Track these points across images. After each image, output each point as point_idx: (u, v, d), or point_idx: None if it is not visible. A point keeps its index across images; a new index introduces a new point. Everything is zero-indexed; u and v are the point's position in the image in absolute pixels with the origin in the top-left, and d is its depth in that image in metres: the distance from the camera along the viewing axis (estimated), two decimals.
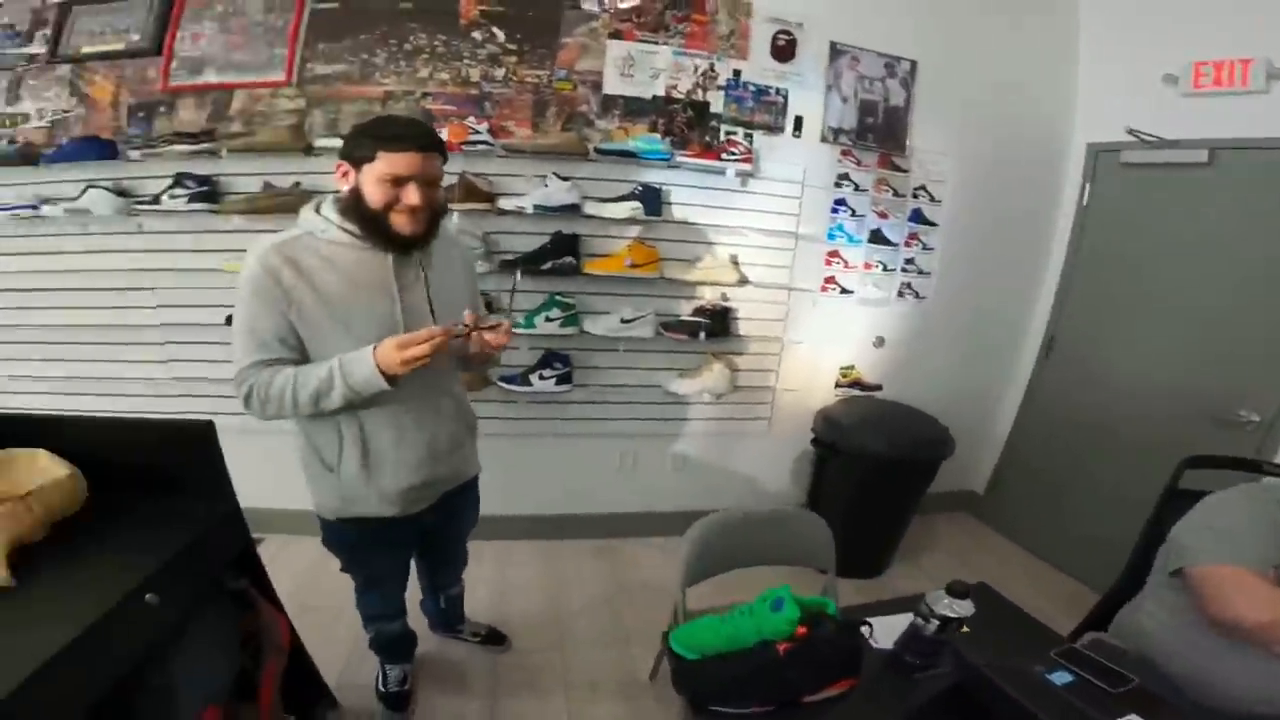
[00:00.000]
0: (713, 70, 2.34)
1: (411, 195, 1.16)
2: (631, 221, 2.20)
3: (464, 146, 2.10)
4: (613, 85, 2.28)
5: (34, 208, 2.19)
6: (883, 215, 2.60)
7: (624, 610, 2.23)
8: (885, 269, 2.66)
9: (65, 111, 2.32)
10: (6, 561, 0.93)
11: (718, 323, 2.35)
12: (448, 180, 2.13)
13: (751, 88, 2.37)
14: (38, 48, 2.32)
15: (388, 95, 2.24)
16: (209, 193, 2.15)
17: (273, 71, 2.24)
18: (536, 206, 2.11)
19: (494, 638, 2.00)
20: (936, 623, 1.05)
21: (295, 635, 1.44)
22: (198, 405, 2.38)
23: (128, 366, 2.37)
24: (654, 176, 2.27)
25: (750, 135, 2.38)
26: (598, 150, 2.20)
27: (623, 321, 2.23)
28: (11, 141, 2.27)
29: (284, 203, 2.11)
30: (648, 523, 2.65)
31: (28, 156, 2.21)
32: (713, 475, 2.68)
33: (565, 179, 2.15)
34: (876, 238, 2.61)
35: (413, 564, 1.67)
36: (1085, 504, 2.61)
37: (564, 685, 1.88)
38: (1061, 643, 1.17)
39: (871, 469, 2.33)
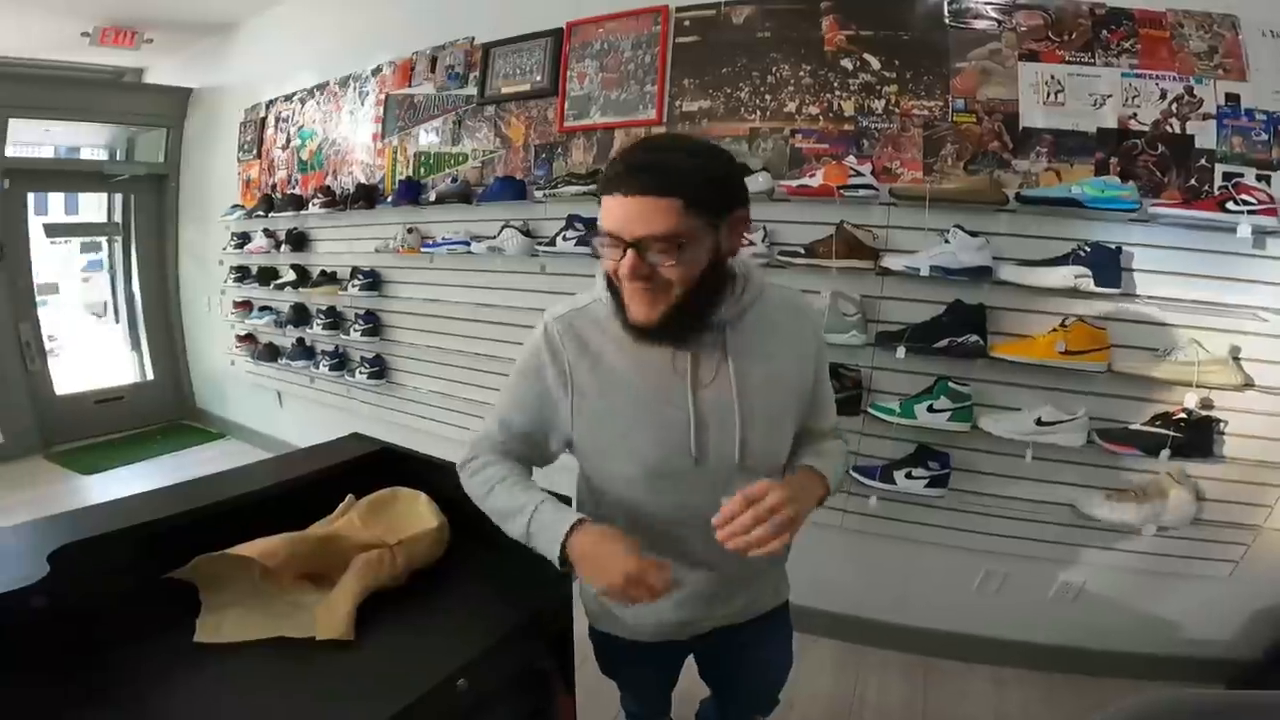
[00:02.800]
0: (1191, 95, 1.70)
1: (623, 264, 0.80)
2: (1070, 293, 1.67)
3: (842, 191, 1.81)
4: (1033, 117, 1.80)
5: (466, 243, 2.52)
6: None
7: None
8: None
9: (491, 152, 2.63)
10: (354, 613, 0.91)
11: (1194, 437, 1.65)
12: (824, 230, 1.88)
13: (1260, 116, 1.67)
14: (472, 89, 2.65)
15: (753, 132, 2.11)
16: (590, 236, 2.20)
17: (645, 110, 2.29)
18: (934, 268, 1.72)
19: None
20: None
21: None
22: None
23: (492, 394, 2.60)
24: (1105, 233, 1.68)
25: (1266, 178, 1.64)
26: (1021, 198, 1.71)
27: (1039, 424, 1.70)
28: (454, 180, 2.65)
29: None
30: (988, 650, 2.09)
31: (465, 195, 2.56)
32: (1113, 613, 1.99)
33: (974, 234, 1.71)
34: None
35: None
36: None
37: None
38: None
39: None
